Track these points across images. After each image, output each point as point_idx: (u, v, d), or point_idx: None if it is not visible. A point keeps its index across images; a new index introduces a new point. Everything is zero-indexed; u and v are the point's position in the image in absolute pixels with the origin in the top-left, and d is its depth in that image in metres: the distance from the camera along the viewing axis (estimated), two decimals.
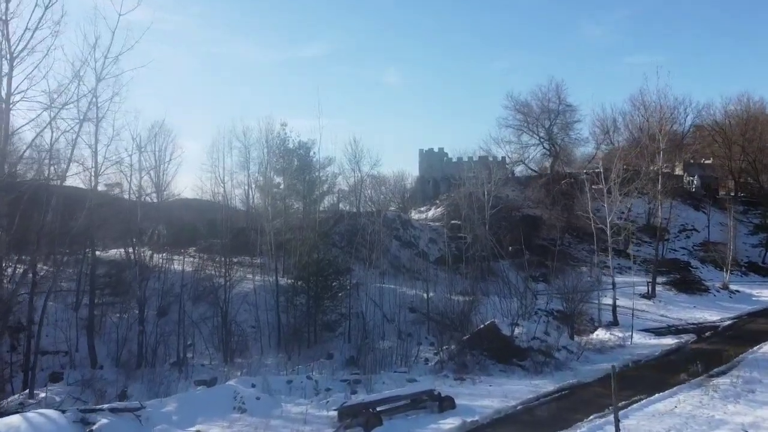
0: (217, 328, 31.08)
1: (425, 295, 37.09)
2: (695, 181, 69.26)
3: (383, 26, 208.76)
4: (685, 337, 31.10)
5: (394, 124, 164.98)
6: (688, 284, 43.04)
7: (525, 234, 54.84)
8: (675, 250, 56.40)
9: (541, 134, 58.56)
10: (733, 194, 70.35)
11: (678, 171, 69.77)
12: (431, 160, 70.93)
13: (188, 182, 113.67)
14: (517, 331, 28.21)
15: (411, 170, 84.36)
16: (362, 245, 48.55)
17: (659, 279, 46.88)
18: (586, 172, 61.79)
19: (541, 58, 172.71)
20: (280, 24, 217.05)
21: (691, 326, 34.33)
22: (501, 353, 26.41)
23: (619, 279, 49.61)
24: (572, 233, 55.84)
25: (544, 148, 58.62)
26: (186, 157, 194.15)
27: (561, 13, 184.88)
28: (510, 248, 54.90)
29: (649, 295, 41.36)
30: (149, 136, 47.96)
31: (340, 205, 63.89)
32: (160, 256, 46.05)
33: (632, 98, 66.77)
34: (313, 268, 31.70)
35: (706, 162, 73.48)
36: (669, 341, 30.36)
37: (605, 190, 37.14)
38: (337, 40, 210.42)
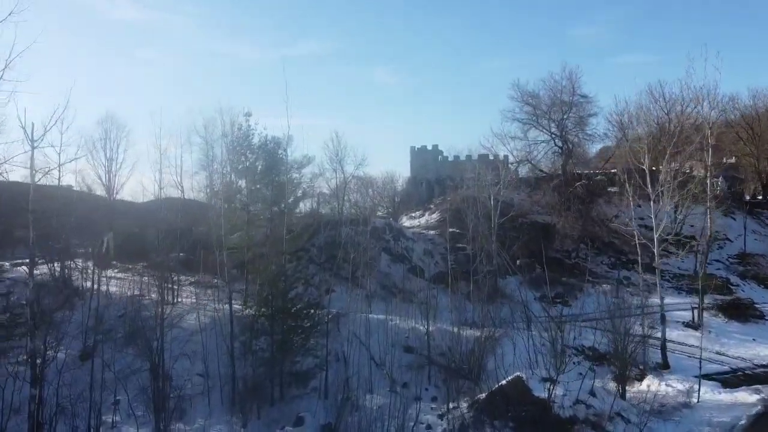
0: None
1: (424, 328, 29.86)
2: (720, 183, 62.69)
3: (373, 25, 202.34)
4: (765, 391, 24.10)
5: (385, 123, 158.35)
6: (738, 309, 36.21)
7: (536, 244, 48.08)
8: (708, 264, 49.64)
9: (552, 129, 51.61)
10: (761, 197, 64.00)
11: (696, 171, 62.94)
12: (424, 159, 63.76)
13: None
14: (553, 390, 21.05)
15: (402, 171, 77.25)
16: (345, 261, 41.26)
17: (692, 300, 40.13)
18: (612, 172, 54.99)
19: (533, 58, 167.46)
20: (269, 22, 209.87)
21: (763, 369, 27.42)
22: (535, 426, 19.23)
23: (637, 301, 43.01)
24: (589, 243, 48.86)
25: (556, 145, 51.70)
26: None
27: (552, 13, 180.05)
28: (518, 261, 47.93)
29: (695, 324, 34.43)
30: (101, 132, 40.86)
31: (321, 211, 56.62)
32: (104, 273, 38.58)
33: (650, 88, 60.07)
34: (279, 303, 24.27)
35: (729, 161, 66.95)
36: (747, 397, 23.42)
37: (652, 197, 29.89)
38: (327, 39, 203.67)
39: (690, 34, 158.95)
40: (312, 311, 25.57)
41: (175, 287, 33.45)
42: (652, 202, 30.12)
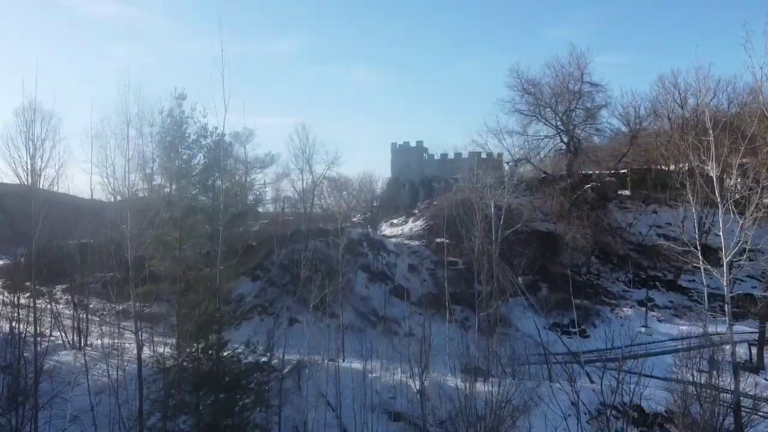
0: None
1: (413, 383, 22.58)
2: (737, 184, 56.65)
3: (351, 23, 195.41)
4: None
5: (365, 122, 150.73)
6: None
7: (539, 258, 41.20)
8: (740, 281, 43.29)
9: (557, 123, 44.79)
10: None
11: (710, 171, 56.51)
12: (407, 157, 56.52)
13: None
14: None
15: (381, 171, 69.77)
16: (313, 282, 33.86)
17: (739, 328, 33.51)
18: (622, 172, 48.27)
19: (512, 58, 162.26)
20: (247, 20, 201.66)
21: None
22: None
23: (668, 329, 36.34)
24: (599, 256, 42.12)
25: (562, 141, 44.82)
26: None
27: (530, 14, 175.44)
28: (520, 279, 41.01)
29: (755, 366, 27.70)
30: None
31: (289, 217, 49.04)
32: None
33: (661, 78, 53.74)
34: (207, 365, 16.74)
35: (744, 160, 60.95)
36: None
37: (721, 208, 22.96)
38: (304, 38, 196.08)
39: (667, 35, 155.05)
40: (257, 379, 17.95)
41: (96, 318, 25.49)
42: (720, 214, 23.05)
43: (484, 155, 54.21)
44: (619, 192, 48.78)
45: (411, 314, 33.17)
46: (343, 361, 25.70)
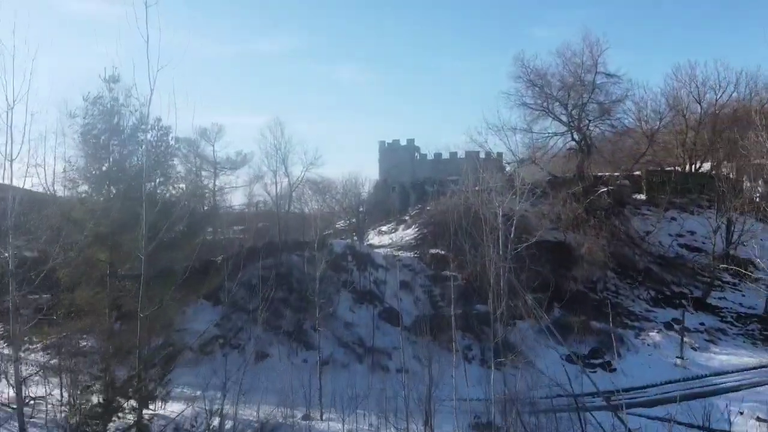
0: None
1: None
2: (760, 187, 52.27)
3: (337, 23, 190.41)
4: None
5: (352, 122, 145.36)
6: None
7: (548, 272, 36.36)
8: None
9: (570, 119, 39.88)
10: None
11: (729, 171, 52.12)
12: (396, 157, 51.41)
13: None
14: None
15: (368, 173, 64.41)
16: (288, 305, 28.96)
17: None
18: (636, 175, 43.47)
19: (495, 59, 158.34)
20: (233, 18, 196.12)
21: None
22: None
23: (706, 360, 31.51)
24: (616, 270, 37.32)
25: (574, 140, 39.90)
26: None
27: (513, 15, 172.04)
28: (528, 298, 36.02)
29: None
30: None
31: (263, 224, 43.75)
32: None
33: (676, 71, 49.23)
34: None
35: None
36: None
37: None
38: (291, 37, 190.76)
39: (649, 37, 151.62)
40: None
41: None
42: None
43: (482, 155, 49.31)
44: (634, 196, 44.07)
45: (404, 342, 28.06)
46: (321, 417, 20.47)
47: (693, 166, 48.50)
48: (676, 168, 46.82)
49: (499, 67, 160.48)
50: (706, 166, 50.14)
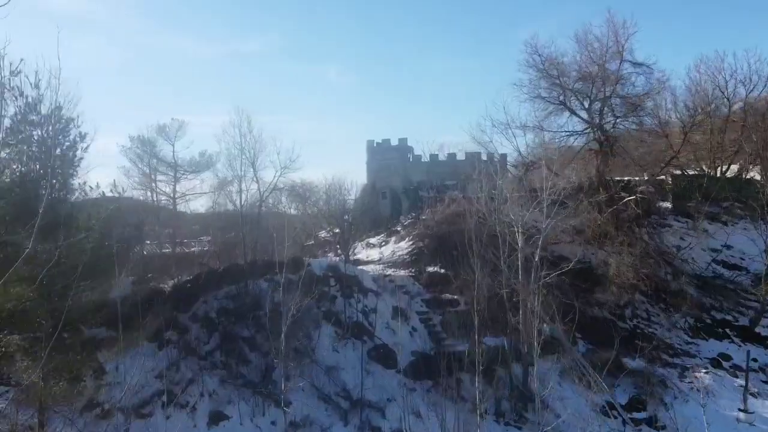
0: None
1: None
2: None
3: (325, 22, 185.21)
4: None
5: (341, 123, 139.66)
6: None
7: (566, 295, 30.97)
8: None
9: (589, 116, 34.42)
10: None
11: (754, 174, 46.88)
12: (387, 158, 45.76)
13: None
14: None
15: (355, 177, 58.35)
16: (254, 347, 23.41)
17: None
18: (660, 179, 38.16)
19: (481, 60, 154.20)
20: (219, 17, 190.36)
21: None
22: None
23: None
24: (646, 293, 32.03)
25: (597, 140, 34.39)
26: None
27: (499, 17, 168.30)
28: (545, 328, 30.61)
29: None
30: None
31: (228, 236, 37.89)
32: None
33: (700, 63, 44.13)
34: None
35: None
36: None
37: None
38: (279, 35, 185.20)
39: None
40: None
41: None
42: None
43: (484, 156, 43.88)
44: (659, 204, 38.87)
45: (401, 391, 22.53)
46: None
47: (720, 169, 43.42)
48: (706, 171, 41.66)
49: (492, 66, 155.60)
50: (733, 168, 45.07)
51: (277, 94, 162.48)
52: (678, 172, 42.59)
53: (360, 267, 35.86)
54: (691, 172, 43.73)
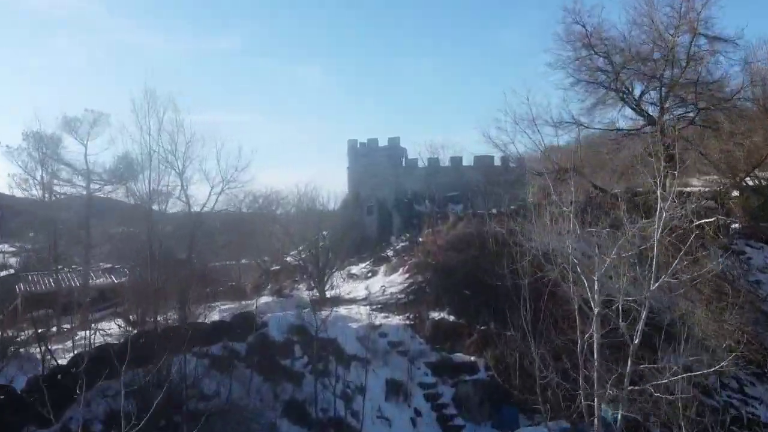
0: None
1: None
2: None
3: (299, 19, 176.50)
4: None
5: (321, 123, 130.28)
6: None
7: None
8: None
9: (641, 107, 25.93)
10: None
11: None
12: (373, 162, 36.63)
13: None
14: None
15: (334, 186, 48.42)
16: None
17: None
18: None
19: (460, 60, 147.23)
20: (190, 13, 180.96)
21: None
22: None
23: None
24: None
25: (658, 139, 25.80)
26: None
27: (477, 16, 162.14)
28: (608, 411, 22.03)
29: None
30: None
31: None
32: None
33: None
34: None
35: None
36: None
37: None
38: (252, 33, 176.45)
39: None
40: None
41: None
42: None
43: (498, 162, 35.31)
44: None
45: None
46: None
47: None
48: None
49: (460, 68, 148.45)
50: None
51: (248, 93, 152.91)
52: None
53: (341, 309, 27.13)
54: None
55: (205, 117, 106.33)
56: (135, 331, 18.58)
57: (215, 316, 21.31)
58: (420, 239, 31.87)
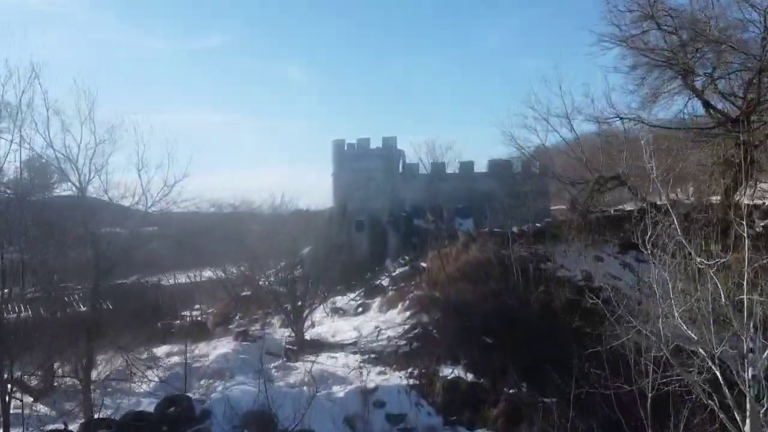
0: None
1: None
2: None
3: (285, 18, 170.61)
4: None
5: (308, 123, 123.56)
6: None
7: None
8: None
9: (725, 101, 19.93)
10: None
11: None
12: (364, 167, 30.10)
13: None
14: None
15: (317, 196, 41.06)
16: None
17: None
18: None
19: (441, 60, 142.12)
20: (175, 11, 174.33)
21: None
22: None
23: None
24: None
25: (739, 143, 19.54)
26: None
27: (458, 17, 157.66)
28: None
29: None
30: None
31: None
32: None
33: None
34: None
35: None
36: None
37: None
38: (239, 31, 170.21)
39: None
40: None
41: None
42: None
43: (519, 167, 29.17)
44: None
45: None
46: None
47: None
48: None
49: (440, 68, 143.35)
50: None
51: (232, 91, 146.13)
52: None
53: (323, 358, 21.01)
54: None
55: (185, 117, 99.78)
56: None
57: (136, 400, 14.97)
58: (423, 264, 25.62)
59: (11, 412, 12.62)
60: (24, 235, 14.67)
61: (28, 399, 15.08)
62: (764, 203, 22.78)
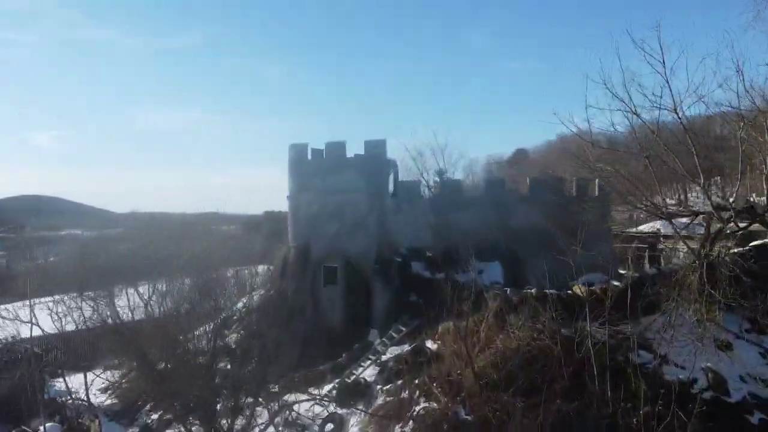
0: None
1: None
2: None
3: (258, 16, 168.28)
4: None
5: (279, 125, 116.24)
6: None
7: None
8: None
9: None
10: None
11: None
12: (335, 186, 20.21)
13: None
14: None
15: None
16: None
17: None
18: None
19: (427, 60, 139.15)
20: (147, 10, 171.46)
21: None
22: None
23: None
24: None
25: None
26: None
27: (442, 17, 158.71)
28: None
29: None
30: None
31: None
32: None
33: None
34: None
35: None
36: None
37: None
38: (211, 31, 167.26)
39: (570, 40, 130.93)
40: None
41: None
42: None
43: (572, 181, 19.72)
44: None
45: None
46: None
47: None
48: None
49: (425, 68, 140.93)
50: None
51: (206, 90, 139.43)
52: None
53: None
54: None
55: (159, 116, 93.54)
56: None
57: None
58: (429, 346, 16.01)
59: None
60: None
61: None
62: None
